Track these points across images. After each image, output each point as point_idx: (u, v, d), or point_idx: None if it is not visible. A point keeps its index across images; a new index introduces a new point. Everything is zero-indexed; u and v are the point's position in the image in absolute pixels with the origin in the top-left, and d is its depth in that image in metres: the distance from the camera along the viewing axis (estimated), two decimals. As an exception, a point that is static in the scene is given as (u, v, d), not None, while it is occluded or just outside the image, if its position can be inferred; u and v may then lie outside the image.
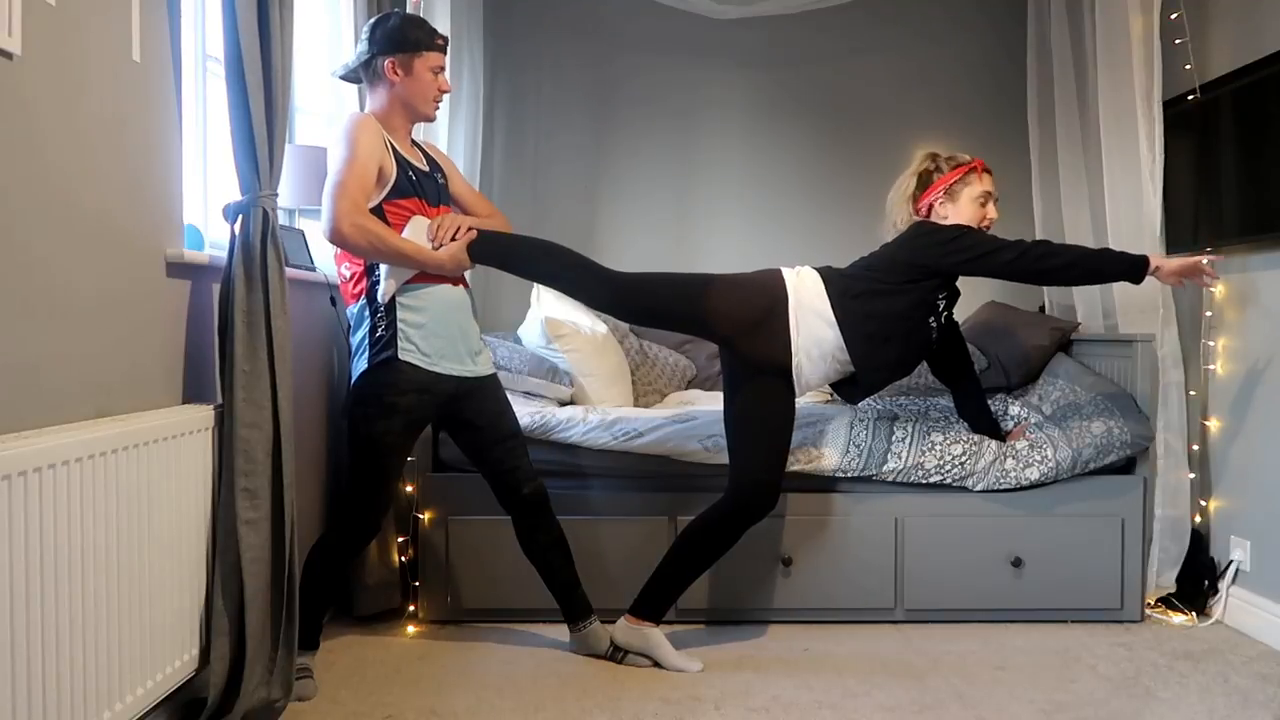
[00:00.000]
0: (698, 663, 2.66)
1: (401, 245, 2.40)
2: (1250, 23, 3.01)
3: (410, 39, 2.47)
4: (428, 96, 2.52)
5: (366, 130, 2.42)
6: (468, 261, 2.50)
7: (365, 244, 2.35)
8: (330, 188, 2.34)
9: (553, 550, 2.70)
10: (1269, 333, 2.96)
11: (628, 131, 4.24)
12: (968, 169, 2.80)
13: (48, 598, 1.60)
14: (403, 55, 2.47)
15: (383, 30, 2.47)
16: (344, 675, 2.61)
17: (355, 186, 2.34)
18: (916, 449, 2.99)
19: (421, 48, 2.48)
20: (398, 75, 2.48)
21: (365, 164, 2.37)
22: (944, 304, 2.74)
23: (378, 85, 2.51)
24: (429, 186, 2.56)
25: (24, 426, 1.66)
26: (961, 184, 2.78)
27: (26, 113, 1.68)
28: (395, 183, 2.45)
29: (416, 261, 2.43)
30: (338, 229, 2.32)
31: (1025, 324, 3.66)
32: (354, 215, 2.32)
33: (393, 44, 2.46)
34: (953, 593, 3.03)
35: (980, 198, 2.78)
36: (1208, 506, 3.21)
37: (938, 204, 2.80)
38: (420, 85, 2.50)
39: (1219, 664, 2.71)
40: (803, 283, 2.66)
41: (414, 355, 2.45)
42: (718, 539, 2.68)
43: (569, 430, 3.04)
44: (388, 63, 2.47)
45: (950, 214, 2.79)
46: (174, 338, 2.17)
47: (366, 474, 2.50)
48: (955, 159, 2.83)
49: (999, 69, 4.14)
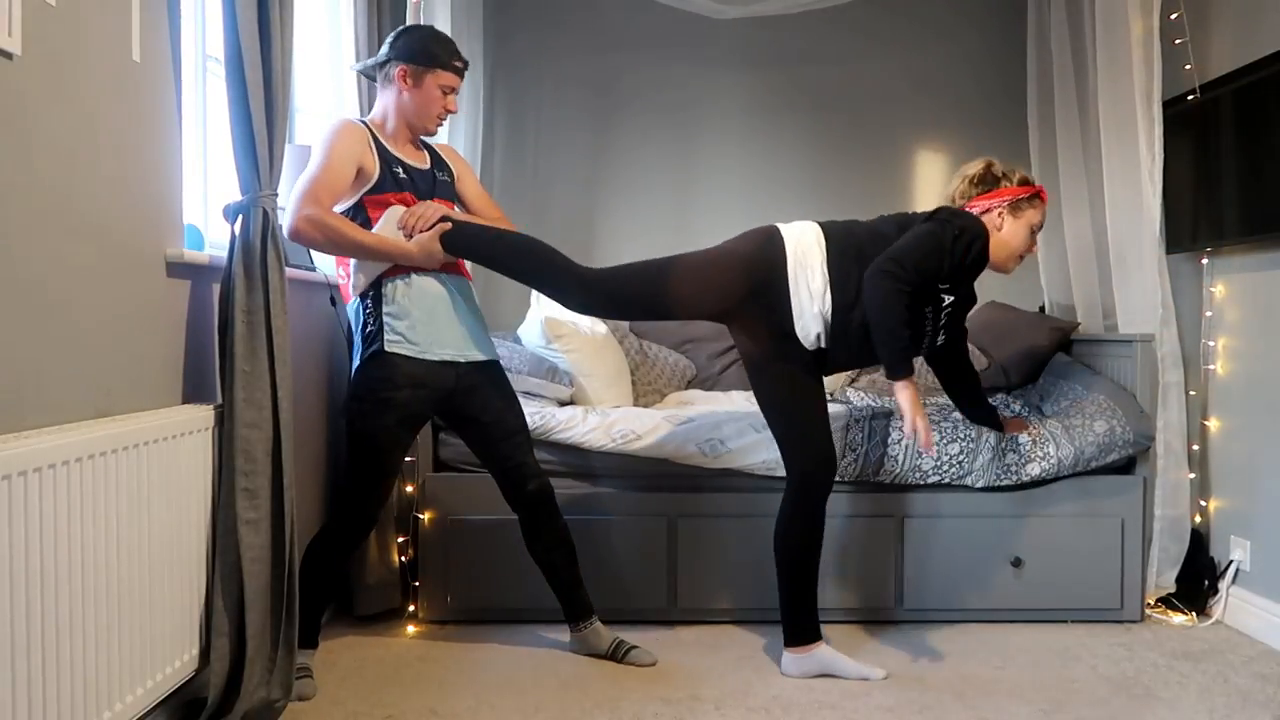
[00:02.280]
0: (879, 670, 2.58)
1: (360, 238, 2.41)
2: (1250, 23, 3.02)
3: (428, 53, 2.51)
4: (430, 112, 2.55)
5: (342, 135, 2.46)
6: (440, 253, 2.47)
7: (321, 238, 2.37)
8: (295, 189, 2.39)
9: (557, 549, 2.70)
10: (1269, 333, 2.96)
11: (627, 130, 4.24)
12: (1041, 194, 2.63)
13: (48, 598, 1.60)
14: (416, 67, 2.51)
15: (406, 39, 2.53)
16: (344, 675, 2.61)
17: (320, 187, 2.37)
18: (913, 450, 2.99)
19: (436, 64, 2.51)
20: (406, 84, 2.52)
21: (335, 168, 2.40)
22: (948, 300, 2.55)
23: (386, 89, 2.56)
24: (423, 184, 2.57)
25: (24, 426, 1.66)
26: (1029, 204, 2.60)
27: (26, 113, 1.68)
28: (377, 180, 2.48)
29: (380, 253, 2.43)
30: (293, 225, 2.36)
31: (1025, 324, 3.67)
32: (309, 211, 2.34)
33: (410, 54, 2.50)
34: (953, 593, 3.03)
35: (1037, 226, 2.63)
36: (1208, 506, 3.21)
37: (997, 212, 2.60)
38: (425, 100, 2.53)
39: (1219, 664, 2.71)
40: (802, 239, 2.54)
41: (402, 345, 2.46)
42: (805, 527, 2.59)
43: (569, 431, 3.04)
44: (400, 70, 2.51)
45: (1004, 227, 2.60)
46: (174, 338, 2.17)
47: (364, 469, 2.50)
48: (1024, 176, 2.64)
49: (999, 69, 4.14)
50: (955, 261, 2.47)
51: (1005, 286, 4.08)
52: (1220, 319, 3.18)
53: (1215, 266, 3.23)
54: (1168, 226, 3.16)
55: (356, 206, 2.48)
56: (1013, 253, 2.62)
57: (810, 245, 2.54)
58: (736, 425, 3.00)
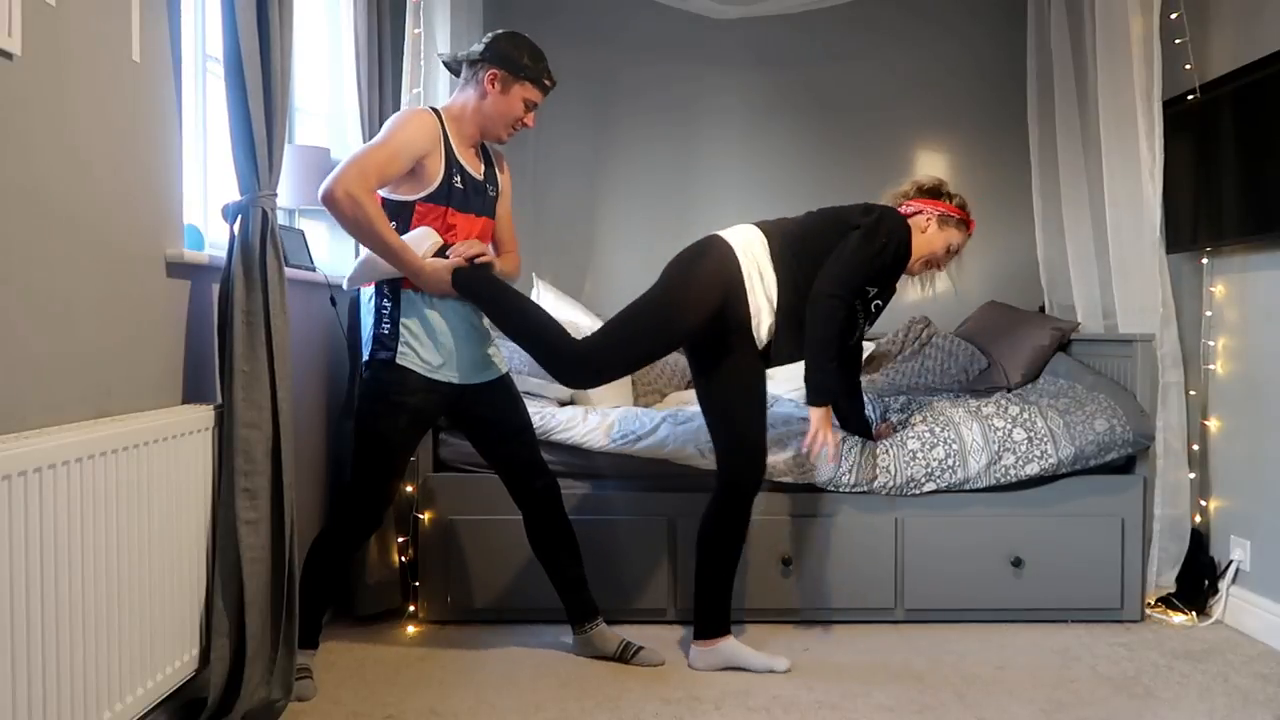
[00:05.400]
0: (784, 661, 2.65)
1: (386, 235, 2.37)
2: (1250, 23, 3.02)
3: (522, 65, 2.49)
4: (508, 121, 2.53)
5: (415, 124, 2.44)
6: (447, 284, 2.43)
7: (350, 215, 2.32)
8: (350, 156, 2.36)
9: (562, 548, 2.70)
10: (1269, 333, 2.96)
11: (627, 130, 4.24)
12: (969, 223, 2.82)
13: (48, 598, 1.60)
14: (507, 74, 2.48)
15: (505, 44, 2.50)
16: (344, 675, 2.61)
17: (373, 165, 2.34)
18: (901, 459, 2.99)
19: (527, 77, 2.50)
20: (493, 89, 2.49)
21: (397, 151, 2.38)
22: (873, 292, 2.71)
23: (471, 87, 2.53)
24: (473, 196, 2.54)
25: (24, 426, 1.66)
26: (956, 226, 2.79)
27: (26, 113, 1.68)
28: (436, 188, 2.45)
29: (395, 255, 2.38)
30: (331, 190, 2.31)
31: (1025, 324, 3.67)
32: (353, 184, 2.30)
33: (505, 60, 2.48)
34: (953, 593, 3.03)
35: (955, 249, 2.81)
36: (1208, 506, 3.21)
37: (926, 216, 2.78)
38: (507, 108, 2.51)
39: (1219, 664, 2.71)
40: (749, 241, 2.65)
41: (413, 360, 2.46)
42: (734, 525, 2.66)
43: (569, 431, 3.04)
44: (490, 74, 2.48)
45: (928, 230, 2.77)
46: (174, 338, 2.17)
47: (370, 470, 2.50)
48: (964, 203, 2.83)
49: (999, 69, 4.14)
50: (884, 263, 2.66)
51: (1005, 286, 4.10)
52: (1220, 319, 3.18)
53: (1215, 266, 3.23)
54: (1168, 226, 3.16)
55: (406, 207, 2.45)
56: (924, 256, 2.78)
57: (755, 245, 2.65)
58: (736, 426, 3.00)
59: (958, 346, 3.69)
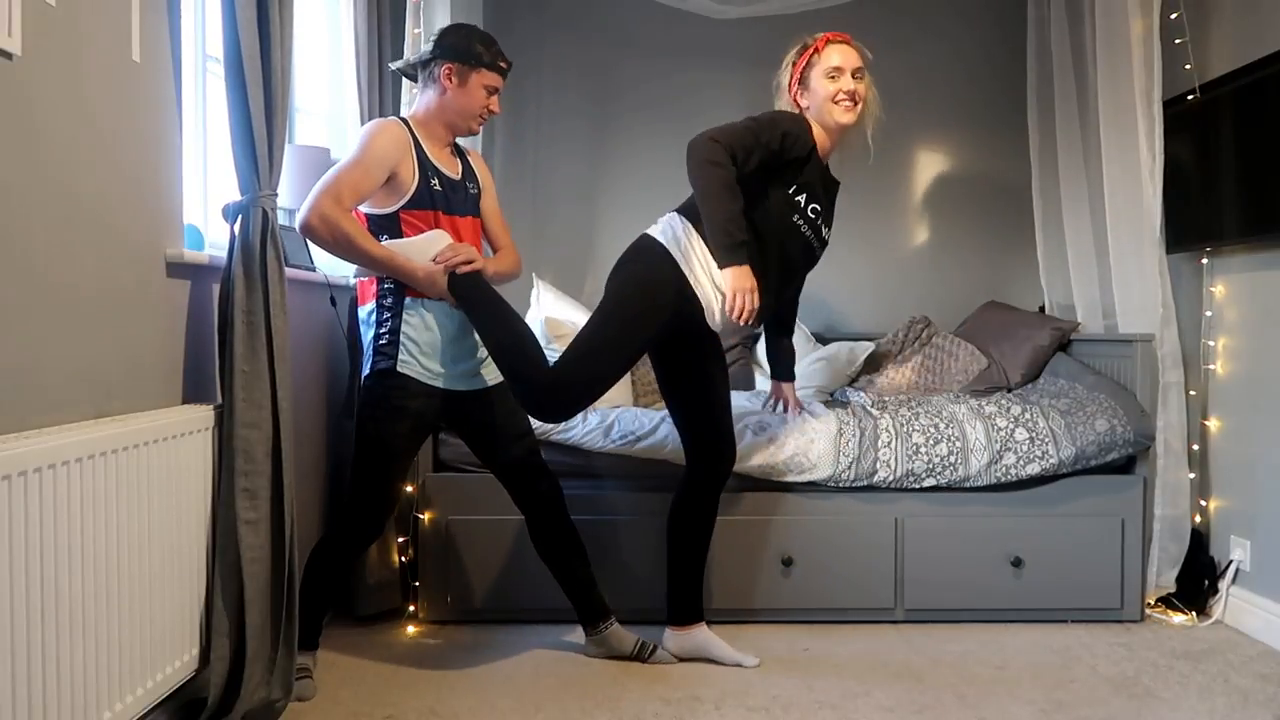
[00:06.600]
0: (753, 658, 2.68)
1: (370, 248, 2.36)
2: (1250, 23, 3.02)
3: (473, 53, 2.49)
4: (474, 112, 2.54)
5: (385, 136, 2.44)
6: (443, 288, 2.42)
7: (329, 238, 2.33)
8: (321, 181, 2.36)
9: (570, 551, 2.69)
10: (1269, 333, 2.96)
11: (627, 130, 4.24)
12: (811, 51, 2.64)
13: (48, 597, 1.60)
14: (462, 66, 2.49)
15: (452, 38, 2.51)
16: (344, 675, 2.61)
17: (345, 185, 2.35)
18: (903, 454, 2.99)
19: (482, 64, 2.50)
20: (451, 83, 2.50)
21: (367, 168, 2.38)
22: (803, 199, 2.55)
23: (429, 88, 2.54)
24: (455, 196, 2.55)
25: (24, 426, 1.66)
26: (809, 68, 2.63)
27: (26, 113, 1.68)
28: (415, 193, 2.46)
29: (384, 265, 2.39)
30: (306, 220, 2.32)
31: (1025, 324, 3.67)
32: (326, 208, 2.31)
33: (455, 53, 2.49)
34: (953, 593, 3.03)
35: (830, 72, 2.60)
36: (1208, 506, 3.21)
37: (800, 98, 2.64)
38: (469, 99, 2.52)
39: (1219, 664, 2.71)
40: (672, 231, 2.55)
41: (413, 368, 2.47)
42: (704, 514, 2.70)
43: (569, 431, 3.04)
44: (445, 69, 2.49)
45: (810, 103, 2.62)
46: (174, 338, 2.17)
47: (371, 475, 2.50)
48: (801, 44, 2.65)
49: (999, 69, 4.14)
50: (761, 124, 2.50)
51: (1005, 286, 4.10)
52: (1220, 319, 3.18)
53: (1215, 266, 3.23)
54: (1168, 226, 3.16)
55: (392, 218, 2.45)
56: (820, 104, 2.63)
57: (679, 229, 2.55)
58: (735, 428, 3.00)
59: (958, 346, 3.69)
